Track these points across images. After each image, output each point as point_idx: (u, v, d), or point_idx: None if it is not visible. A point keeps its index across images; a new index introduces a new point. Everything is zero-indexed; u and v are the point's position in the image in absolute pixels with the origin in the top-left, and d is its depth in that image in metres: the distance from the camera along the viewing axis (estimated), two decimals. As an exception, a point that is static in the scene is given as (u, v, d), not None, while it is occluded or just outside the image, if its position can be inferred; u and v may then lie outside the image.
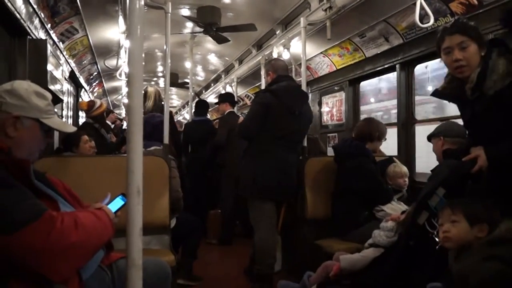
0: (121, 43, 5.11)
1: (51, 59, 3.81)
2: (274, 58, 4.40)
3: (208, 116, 6.06)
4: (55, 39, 4.50)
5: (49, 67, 3.73)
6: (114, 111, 8.32)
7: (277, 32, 5.30)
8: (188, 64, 6.60)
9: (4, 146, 1.34)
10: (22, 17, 3.23)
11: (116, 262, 1.62)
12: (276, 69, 3.23)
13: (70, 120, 6.68)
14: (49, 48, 3.72)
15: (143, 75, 1.19)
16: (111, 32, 5.26)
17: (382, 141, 3.32)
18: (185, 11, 5.03)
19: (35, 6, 3.48)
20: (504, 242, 1.49)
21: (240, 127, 3.25)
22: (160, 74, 9.09)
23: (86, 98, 7.54)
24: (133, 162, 1.10)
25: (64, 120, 5.70)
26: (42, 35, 3.92)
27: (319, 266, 2.56)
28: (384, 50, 4.17)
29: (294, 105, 3.06)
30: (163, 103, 3.24)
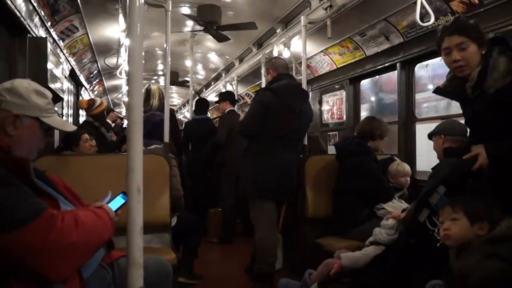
0: (121, 42, 5.11)
1: (51, 57, 3.81)
2: (275, 57, 4.40)
3: (208, 114, 6.06)
4: (55, 37, 4.50)
5: (49, 66, 3.72)
6: (114, 109, 8.33)
7: (277, 31, 5.29)
8: (188, 63, 6.60)
9: (3, 145, 1.34)
10: (22, 15, 3.23)
11: (117, 260, 1.63)
12: (277, 67, 3.22)
13: (71, 119, 6.68)
14: (49, 46, 3.72)
15: (143, 74, 1.19)
16: (111, 30, 5.25)
17: (384, 139, 3.32)
18: (185, 9, 5.03)
19: (35, 4, 3.48)
20: (505, 240, 1.49)
21: (240, 125, 3.24)
22: (160, 73, 9.08)
23: (87, 96, 7.53)
24: (133, 161, 1.10)
25: (64, 118, 5.70)
26: (42, 33, 3.92)
27: (320, 264, 2.56)
28: (384, 48, 4.16)
29: (294, 103, 3.05)
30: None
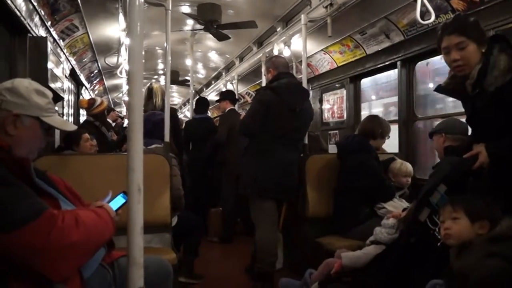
0: (121, 41, 5.11)
1: (51, 57, 3.81)
2: (275, 55, 4.40)
3: (209, 113, 6.06)
4: (56, 36, 4.50)
5: (49, 65, 3.72)
6: (115, 109, 8.33)
7: (277, 29, 5.29)
8: (188, 62, 6.61)
9: (4, 144, 1.34)
10: (22, 14, 3.23)
11: (117, 260, 1.63)
12: (277, 66, 3.22)
13: (71, 118, 6.68)
14: (49, 46, 3.72)
15: (143, 73, 1.18)
16: (111, 30, 5.25)
17: (386, 139, 3.31)
18: (185, 8, 5.03)
19: (35, 4, 3.48)
20: (505, 239, 1.49)
21: (240, 124, 3.24)
22: (160, 72, 9.09)
23: (87, 96, 7.53)
24: (133, 160, 1.09)
25: (65, 118, 5.70)
26: (42, 32, 3.92)
27: (320, 264, 2.56)
28: (385, 47, 4.15)
29: (295, 102, 3.04)
30: None
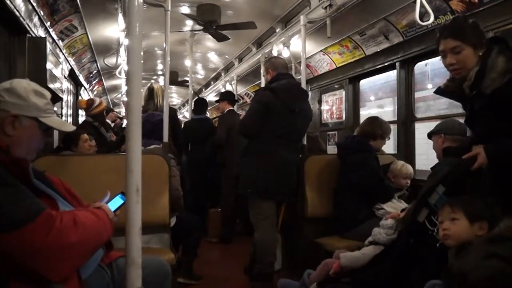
0: (120, 41, 5.11)
1: (50, 57, 3.80)
2: (274, 56, 4.40)
3: (207, 114, 6.06)
4: (55, 37, 4.49)
5: (48, 65, 3.72)
6: (114, 109, 8.32)
7: (277, 30, 5.29)
8: (188, 62, 6.60)
9: (2, 145, 1.34)
10: (21, 15, 3.23)
11: (115, 260, 1.63)
12: (276, 67, 3.22)
13: (70, 119, 6.67)
14: (48, 46, 3.71)
15: (142, 73, 1.18)
16: (110, 30, 5.25)
17: (386, 140, 3.31)
18: (184, 9, 5.03)
19: (35, 4, 3.47)
20: (504, 240, 1.49)
21: (240, 125, 3.24)
22: (159, 72, 9.07)
23: (86, 96, 7.53)
24: (132, 161, 1.09)
25: (63, 118, 5.70)
26: (41, 33, 3.91)
27: (319, 264, 2.55)
28: (384, 48, 4.16)
29: (294, 103, 3.05)
30: None
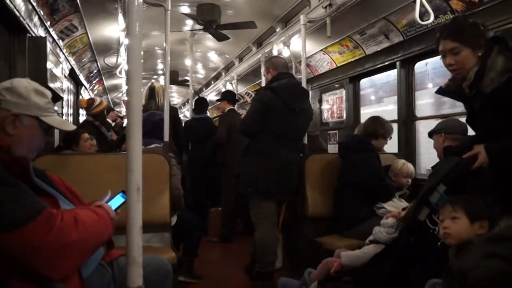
0: (121, 41, 5.12)
1: (50, 56, 3.81)
2: (274, 56, 4.40)
3: (208, 113, 6.06)
4: (55, 36, 4.49)
5: (48, 65, 3.72)
6: (114, 109, 8.32)
7: (277, 30, 5.29)
8: (188, 62, 6.61)
9: (3, 144, 1.34)
10: (21, 14, 3.23)
11: (116, 259, 1.63)
12: (277, 66, 3.22)
13: (71, 118, 6.67)
14: (48, 45, 3.72)
15: (142, 73, 1.19)
16: (110, 30, 5.25)
17: (388, 140, 3.31)
18: (185, 9, 5.03)
19: (35, 4, 3.47)
20: (504, 239, 1.49)
21: (241, 124, 3.25)
22: (160, 72, 9.08)
23: (86, 96, 7.53)
24: (132, 160, 1.10)
25: (64, 118, 5.70)
26: (41, 32, 3.91)
27: (319, 263, 2.55)
28: (384, 47, 4.16)
29: (294, 102, 3.05)
30: None
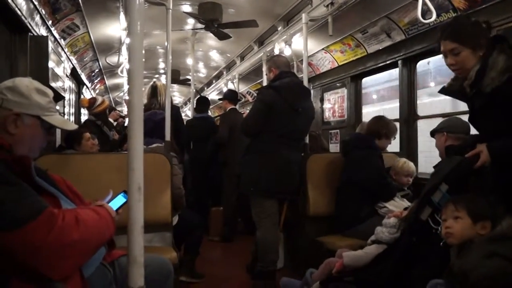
0: (122, 40, 5.12)
1: (52, 56, 3.81)
2: (276, 55, 4.39)
3: (209, 113, 6.06)
4: (56, 36, 4.49)
5: (50, 64, 3.72)
6: (116, 108, 8.32)
7: (278, 29, 5.29)
8: (189, 61, 6.61)
9: (5, 143, 1.34)
10: (23, 13, 3.23)
11: (118, 259, 1.63)
12: (279, 65, 3.22)
13: (72, 118, 6.68)
14: (50, 45, 3.72)
15: (144, 72, 1.18)
16: (112, 29, 5.25)
17: (391, 139, 3.30)
18: (186, 8, 5.02)
19: (36, 3, 3.48)
20: (506, 239, 1.49)
21: (242, 124, 3.24)
22: (161, 71, 9.08)
23: (88, 95, 7.54)
24: (133, 160, 1.09)
25: (66, 117, 5.70)
26: (43, 32, 3.92)
27: (321, 263, 2.55)
28: (386, 46, 4.15)
29: (297, 101, 3.05)
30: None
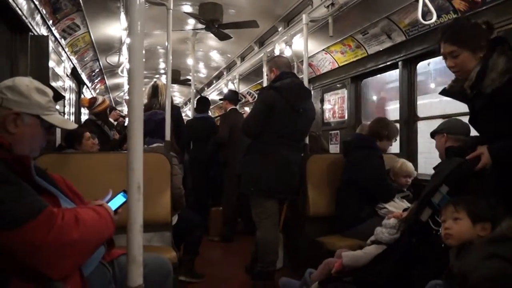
0: (123, 40, 5.12)
1: (52, 55, 3.82)
2: (277, 55, 4.39)
3: (210, 113, 6.06)
4: (57, 35, 4.50)
5: (50, 64, 3.73)
6: (116, 108, 8.33)
7: (279, 29, 5.29)
8: (190, 61, 6.61)
9: (5, 143, 1.34)
10: (23, 13, 3.23)
11: (117, 258, 1.63)
12: (280, 65, 3.22)
13: (72, 117, 6.68)
14: (50, 44, 3.72)
15: (144, 72, 1.18)
16: (112, 29, 5.26)
17: (392, 141, 3.29)
18: (187, 8, 5.03)
19: (37, 3, 3.48)
20: (505, 240, 1.49)
21: (243, 125, 3.24)
22: (162, 71, 9.08)
23: (88, 95, 7.54)
24: (133, 159, 1.09)
25: (66, 117, 5.71)
26: (43, 31, 3.92)
27: (320, 263, 2.55)
28: (386, 47, 4.15)
29: (298, 102, 3.05)
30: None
